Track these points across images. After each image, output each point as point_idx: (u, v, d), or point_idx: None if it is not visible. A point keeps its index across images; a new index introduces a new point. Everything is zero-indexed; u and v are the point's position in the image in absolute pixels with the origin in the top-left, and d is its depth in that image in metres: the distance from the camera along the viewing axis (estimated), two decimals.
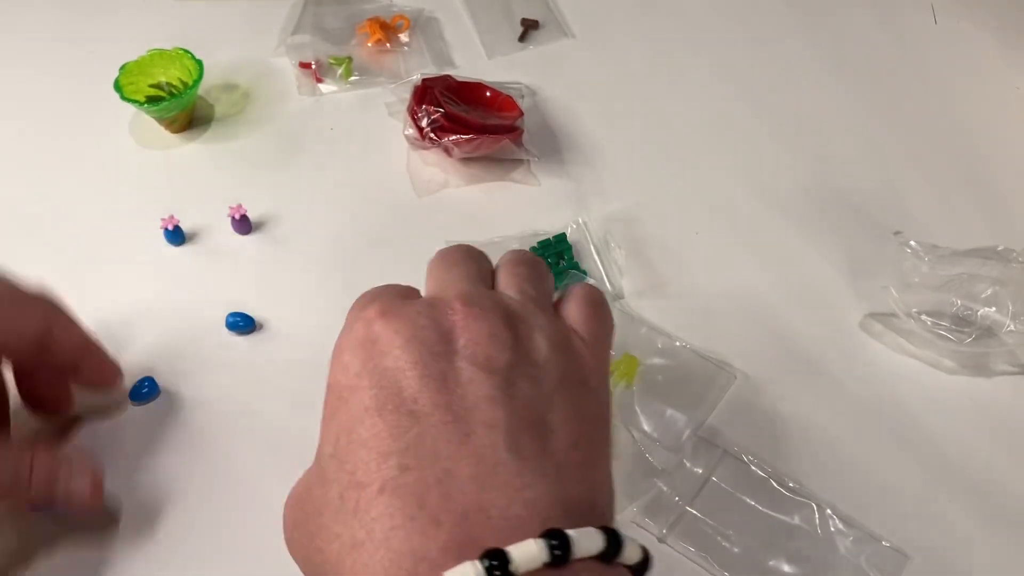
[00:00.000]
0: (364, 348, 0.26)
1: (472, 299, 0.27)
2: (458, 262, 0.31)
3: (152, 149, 0.54)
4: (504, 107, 0.55)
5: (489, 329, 0.26)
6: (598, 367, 0.29)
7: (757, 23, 0.66)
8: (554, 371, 0.27)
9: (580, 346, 0.29)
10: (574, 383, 0.27)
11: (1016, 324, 0.44)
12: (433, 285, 0.30)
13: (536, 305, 0.29)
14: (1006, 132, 0.59)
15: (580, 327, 0.30)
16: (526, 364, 0.26)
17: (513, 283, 0.30)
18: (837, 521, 0.39)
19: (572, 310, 0.30)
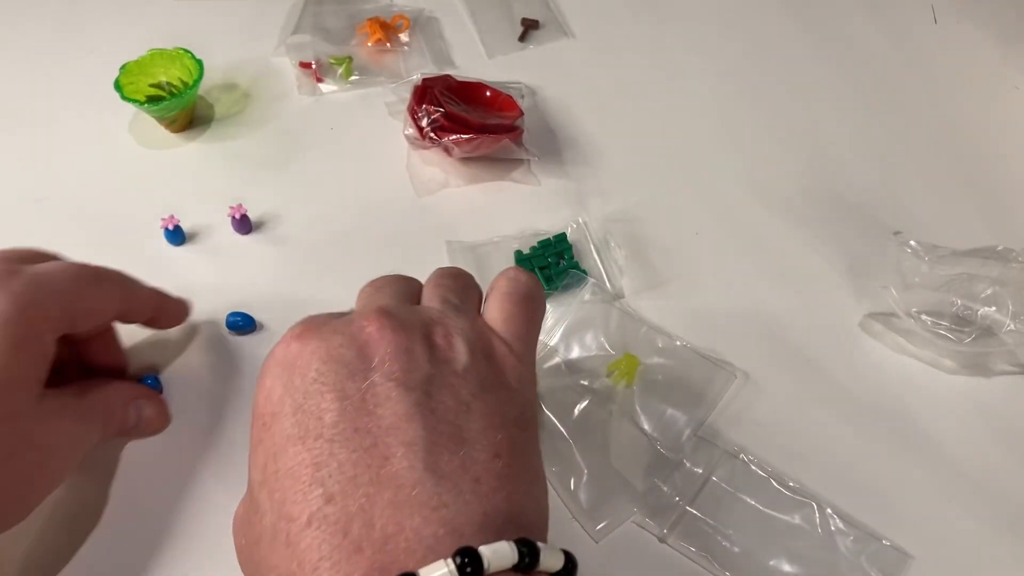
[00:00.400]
0: (284, 371, 0.26)
1: (389, 312, 0.28)
2: (385, 284, 0.32)
3: (152, 149, 0.54)
4: (504, 107, 0.55)
5: (405, 342, 0.27)
6: (520, 366, 0.30)
7: (757, 23, 0.66)
8: (474, 378, 0.27)
9: (501, 348, 0.29)
10: (495, 387, 0.28)
11: (1016, 324, 0.44)
12: (358, 306, 0.31)
13: (457, 311, 0.30)
14: (1006, 131, 0.59)
15: (502, 327, 0.30)
16: (445, 374, 0.27)
17: (436, 294, 0.31)
18: (837, 520, 0.39)
19: (493, 310, 0.31)
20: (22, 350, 0.29)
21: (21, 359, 0.29)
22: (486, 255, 0.49)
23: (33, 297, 0.30)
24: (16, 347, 0.29)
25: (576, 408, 0.42)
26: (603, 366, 0.44)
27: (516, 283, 0.32)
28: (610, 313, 0.46)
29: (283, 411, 0.26)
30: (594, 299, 0.47)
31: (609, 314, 0.46)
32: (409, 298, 0.31)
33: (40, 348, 0.31)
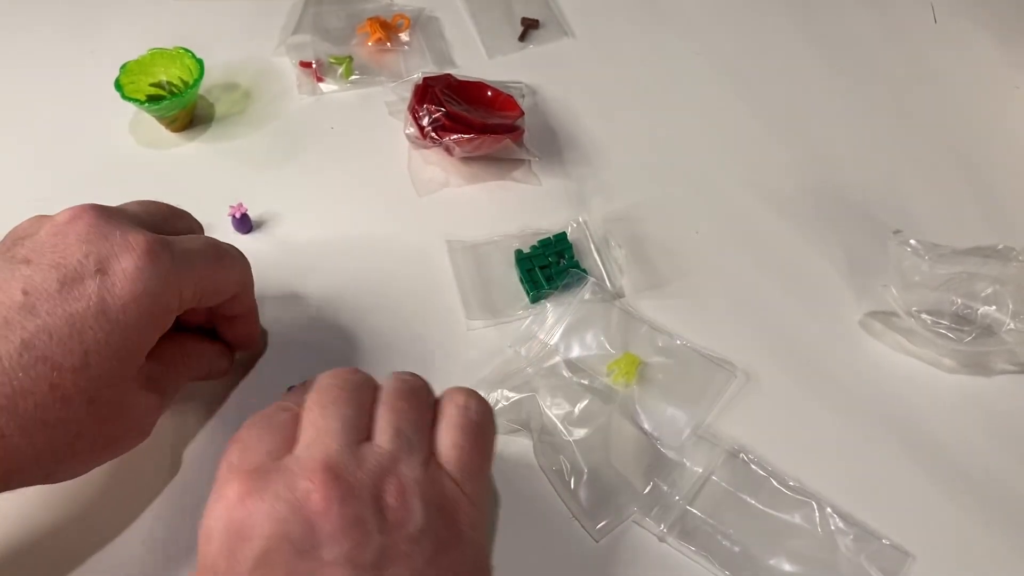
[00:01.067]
0: (228, 540, 0.25)
1: (336, 468, 0.26)
2: (336, 400, 0.30)
3: (153, 148, 0.54)
4: (505, 106, 0.55)
5: (353, 512, 0.26)
6: (473, 511, 0.29)
7: (757, 22, 0.66)
8: (429, 542, 0.27)
9: (454, 493, 0.29)
10: (448, 546, 0.27)
11: (1016, 323, 0.44)
12: (306, 435, 0.29)
13: (411, 453, 0.29)
14: (1006, 131, 0.59)
15: (455, 465, 0.29)
16: (399, 541, 0.26)
17: (390, 424, 0.29)
18: (837, 519, 0.39)
19: (445, 443, 0.30)
20: (147, 327, 0.29)
21: (143, 335, 0.29)
22: (487, 254, 0.49)
23: (177, 277, 0.30)
24: (144, 323, 0.29)
25: (576, 407, 0.42)
26: (603, 365, 0.44)
27: (467, 412, 0.31)
28: (610, 312, 0.46)
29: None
30: (594, 298, 0.47)
31: (609, 313, 0.46)
32: (358, 429, 0.29)
33: (162, 326, 0.30)
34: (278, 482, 0.26)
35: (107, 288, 0.28)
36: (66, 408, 0.27)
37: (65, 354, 0.26)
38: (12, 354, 0.26)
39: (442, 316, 0.46)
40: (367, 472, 0.27)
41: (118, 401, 0.29)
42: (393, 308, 0.47)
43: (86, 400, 0.27)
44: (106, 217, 0.30)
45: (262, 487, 0.26)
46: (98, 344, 0.27)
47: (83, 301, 0.27)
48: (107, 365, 0.28)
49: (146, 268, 0.28)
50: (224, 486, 0.27)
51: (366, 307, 0.47)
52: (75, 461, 0.29)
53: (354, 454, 0.28)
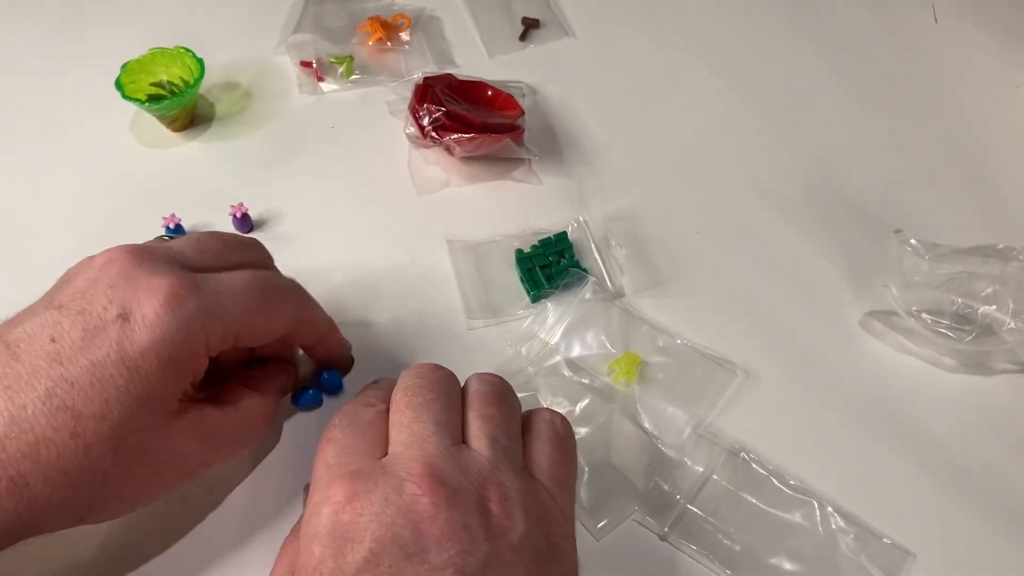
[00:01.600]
0: (334, 543, 0.26)
1: (441, 473, 0.27)
2: (429, 403, 0.30)
3: (153, 148, 0.54)
4: (505, 106, 0.55)
5: (461, 519, 0.26)
6: (567, 523, 0.30)
7: (758, 22, 0.66)
8: (529, 552, 0.27)
9: (550, 504, 0.29)
10: (548, 557, 0.28)
11: (1016, 322, 0.44)
12: (402, 437, 0.29)
13: (509, 461, 0.29)
14: (1006, 130, 0.59)
15: (547, 475, 0.30)
16: (502, 550, 0.26)
17: (484, 431, 0.30)
18: (838, 518, 0.39)
19: (539, 455, 0.31)
20: (171, 373, 0.28)
21: (168, 381, 0.28)
22: (487, 254, 0.49)
23: (203, 321, 0.29)
24: (166, 369, 0.28)
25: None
26: (604, 364, 0.44)
27: (554, 426, 0.32)
28: (611, 312, 0.46)
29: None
30: (595, 298, 0.47)
31: (610, 313, 0.46)
32: (455, 428, 0.30)
33: (190, 371, 0.29)
34: (385, 485, 0.26)
35: (127, 335, 0.27)
36: (88, 456, 0.26)
37: (86, 403, 0.26)
38: (36, 402, 0.26)
39: (442, 316, 0.46)
40: (470, 478, 0.27)
41: (148, 447, 0.28)
42: (393, 308, 0.47)
43: (110, 448, 0.27)
44: (139, 260, 0.29)
45: (369, 489, 0.26)
46: (119, 392, 0.27)
47: (104, 349, 0.27)
48: (130, 413, 0.27)
49: (165, 314, 0.28)
50: (329, 488, 0.27)
51: (366, 307, 0.47)
52: (107, 507, 0.29)
53: (455, 458, 0.28)
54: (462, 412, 0.31)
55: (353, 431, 0.30)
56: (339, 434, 0.30)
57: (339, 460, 0.29)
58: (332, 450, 0.29)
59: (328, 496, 0.27)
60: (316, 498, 0.27)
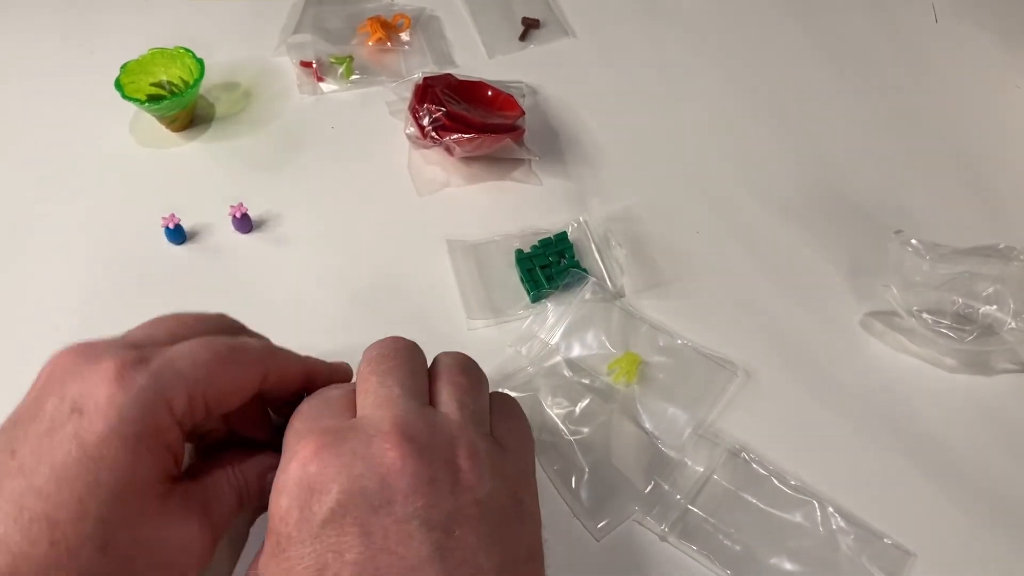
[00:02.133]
0: (301, 494, 0.26)
1: (409, 430, 0.27)
2: (392, 369, 0.30)
3: (153, 148, 0.54)
4: (505, 106, 0.55)
5: (428, 472, 0.26)
6: (532, 487, 0.30)
7: (758, 22, 0.66)
8: (496, 509, 0.27)
9: (515, 469, 0.30)
10: (514, 518, 0.28)
11: (1017, 322, 0.44)
12: (368, 401, 0.29)
13: (476, 424, 0.29)
14: (1007, 130, 0.59)
15: (512, 443, 0.30)
16: (467, 504, 0.27)
17: (453, 395, 0.30)
18: (839, 519, 0.39)
19: (501, 425, 0.31)
20: (142, 453, 0.26)
21: (141, 463, 0.26)
22: (487, 254, 0.49)
23: (159, 391, 0.27)
24: (135, 450, 0.26)
25: (577, 407, 0.42)
26: (604, 365, 0.44)
27: (512, 401, 0.34)
28: (611, 312, 0.46)
29: (300, 537, 0.25)
30: (595, 298, 0.47)
31: (610, 313, 0.46)
32: (419, 388, 0.30)
33: (164, 447, 0.27)
34: (353, 439, 0.27)
35: (84, 427, 0.26)
36: (74, 561, 0.25)
37: (58, 508, 0.25)
38: (7, 520, 0.24)
39: (443, 316, 0.46)
40: (439, 435, 0.28)
41: (140, 538, 0.26)
42: (393, 308, 0.46)
43: (96, 548, 0.25)
44: (82, 354, 0.28)
45: (337, 443, 0.27)
46: (90, 488, 0.25)
47: (63, 447, 0.25)
48: (108, 507, 0.25)
49: (116, 394, 0.26)
50: (296, 444, 0.27)
51: (366, 307, 0.47)
52: None
53: (424, 417, 0.28)
54: (430, 382, 0.31)
55: (320, 403, 0.30)
56: (306, 407, 0.30)
57: (306, 425, 0.29)
58: (299, 419, 0.29)
59: (296, 451, 0.27)
60: (285, 456, 0.27)
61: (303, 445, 0.27)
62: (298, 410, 0.30)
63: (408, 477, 0.26)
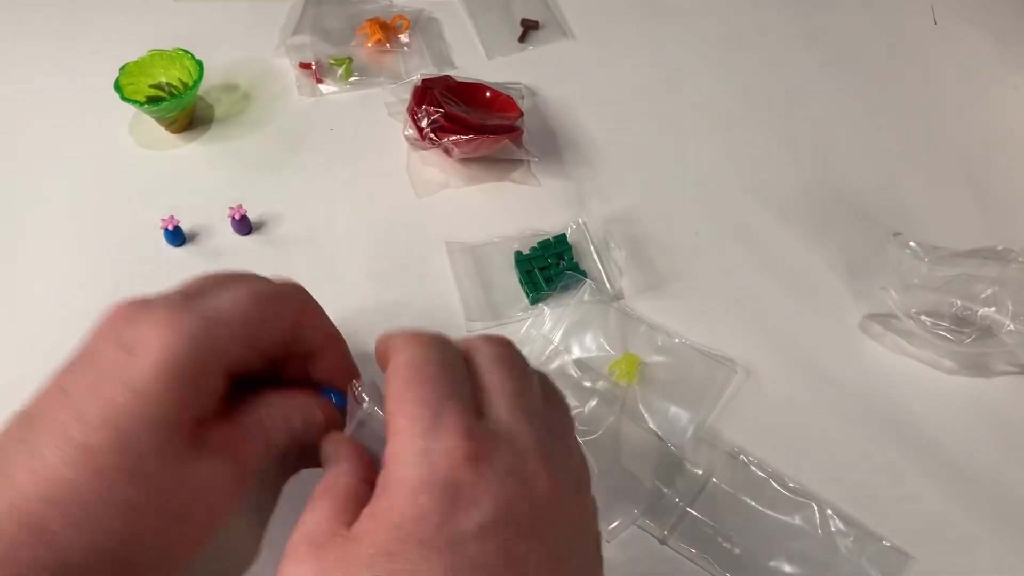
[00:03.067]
0: (447, 497, 0.24)
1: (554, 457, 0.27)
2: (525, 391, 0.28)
3: (152, 149, 0.54)
4: (504, 107, 0.55)
5: (578, 509, 0.27)
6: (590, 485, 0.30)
7: (757, 24, 0.66)
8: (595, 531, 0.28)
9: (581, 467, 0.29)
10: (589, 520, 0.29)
11: (1016, 324, 0.44)
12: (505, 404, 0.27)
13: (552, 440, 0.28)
14: (1005, 132, 0.59)
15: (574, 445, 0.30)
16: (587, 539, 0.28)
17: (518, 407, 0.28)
18: (838, 521, 0.39)
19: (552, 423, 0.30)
20: (187, 392, 0.27)
21: (184, 401, 0.27)
22: (486, 256, 0.49)
23: (207, 331, 0.28)
24: (180, 389, 0.27)
25: (586, 407, 0.42)
26: (604, 366, 0.44)
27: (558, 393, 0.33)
28: (608, 313, 0.46)
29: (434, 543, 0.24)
30: (593, 300, 0.47)
31: (607, 314, 0.46)
32: (472, 398, 0.28)
33: (209, 389, 0.28)
34: (506, 453, 0.26)
35: (134, 364, 0.27)
36: (104, 485, 0.26)
37: (96, 435, 0.26)
38: (49, 445, 0.26)
39: (441, 318, 0.46)
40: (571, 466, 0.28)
41: (171, 475, 0.27)
42: (393, 310, 0.46)
43: (127, 477, 0.26)
44: (138, 304, 0.29)
45: (490, 454, 0.25)
46: (131, 419, 0.26)
47: (112, 383, 0.27)
48: (145, 438, 0.26)
49: (167, 336, 0.27)
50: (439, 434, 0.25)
51: (365, 308, 0.47)
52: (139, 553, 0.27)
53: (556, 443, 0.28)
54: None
55: (446, 373, 0.27)
56: (434, 371, 0.27)
57: (441, 405, 0.26)
58: (430, 388, 0.27)
59: (444, 446, 0.25)
60: (419, 441, 0.25)
61: (451, 441, 0.25)
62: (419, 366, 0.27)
63: (559, 508, 0.26)
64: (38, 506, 0.25)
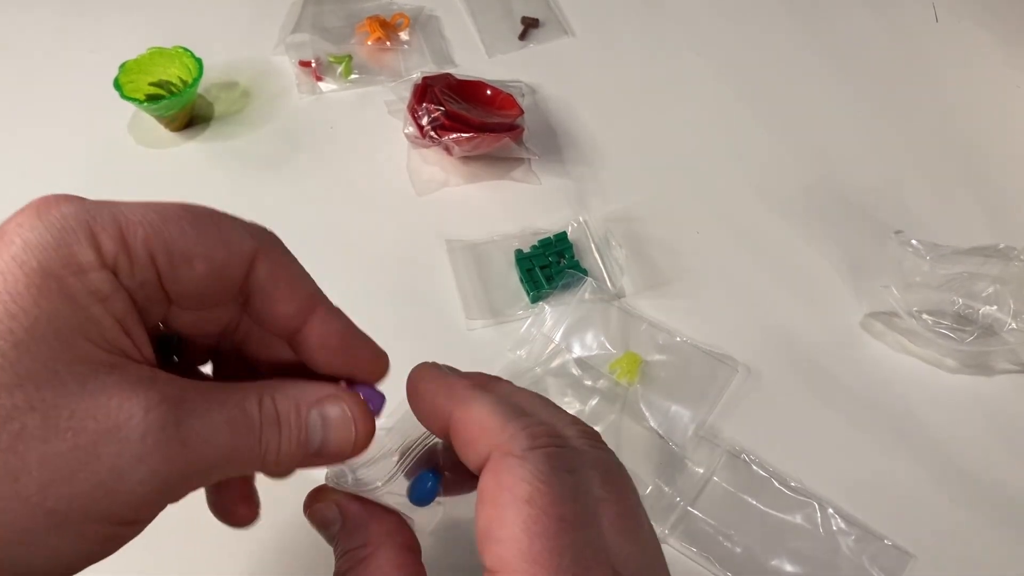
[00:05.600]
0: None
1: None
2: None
3: (152, 147, 0.54)
4: (504, 105, 0.55)
5: None
6: None
7: (758, 22, 0.66)
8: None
9: None
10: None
11: (1017, 322, 0.44)
12: (635, 555, 0.22)
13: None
14: (1007, 130, 0.59)
15: None
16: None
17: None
18: (839, 520, 0.39)
19: None
20: (50, 292, 0.19)
21: (50, 305, 0.19)
22: (486, 254, 0.49)
23: (84, 217, 0.21)
24: (40, 287, 0.19)
25: (587, 406, 0.42)
26: (605, 365, 0.44)
27: None
28: (609, 312, 0.46)
29: None
30: (593, 298, 0.46)
31: (608, 313, 0.46)
32: (605, 545, 0.22)
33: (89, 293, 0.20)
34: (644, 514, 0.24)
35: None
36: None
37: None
38: None
39: (441, 316, 0.46)
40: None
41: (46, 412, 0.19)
42: (393, 308, 0.46)
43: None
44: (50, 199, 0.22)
45: (638, 512, 0.23)
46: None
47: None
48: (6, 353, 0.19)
49: (27, 221, 0.21)
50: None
51: (365, 307, 0.46)
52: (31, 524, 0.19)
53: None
54: None
55: (586, 513, 0.21)
56: (571, 514, 0.20)
57: (587, 572, 0.20)
58: (569, 543, 0.20)
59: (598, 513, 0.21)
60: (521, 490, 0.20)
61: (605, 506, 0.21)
62: (538, 499, 0.20)
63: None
64: None
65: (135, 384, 0.20)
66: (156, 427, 0.20)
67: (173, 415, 0.20)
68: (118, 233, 0.21)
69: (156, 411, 0.20)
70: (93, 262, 0.20)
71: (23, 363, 0.19)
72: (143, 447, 0.19)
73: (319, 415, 0.23)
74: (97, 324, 0.20)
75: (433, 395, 0.24)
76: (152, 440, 0.20)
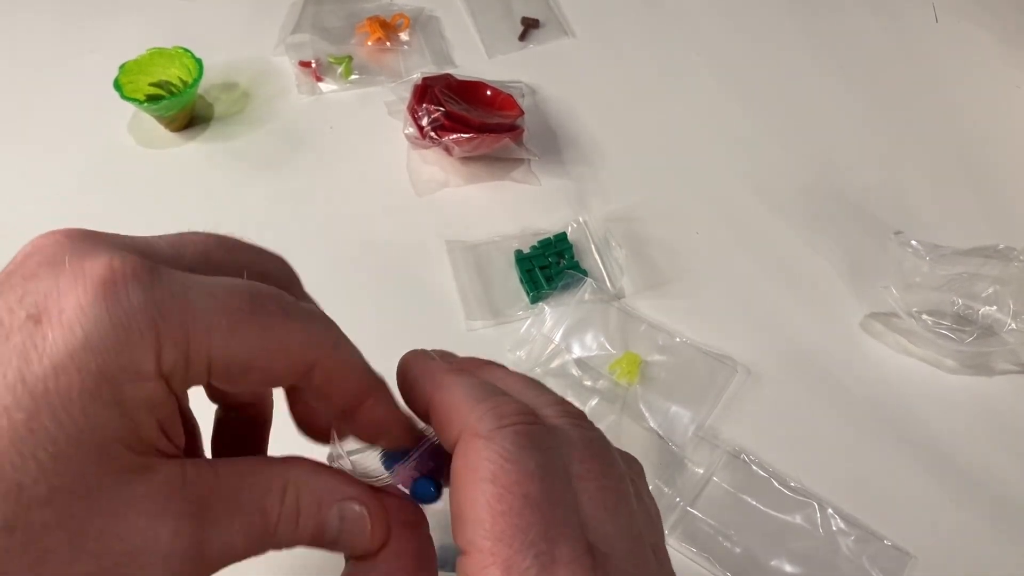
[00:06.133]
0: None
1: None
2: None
3: (152, 148, 0.54)
4: (504, 106, 0.55)
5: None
6: None
7: (758, 22, 0.66)
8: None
9: None
10: None
11: (1017, 323, 0.44)
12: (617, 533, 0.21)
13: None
14: (1007, 130, 0.59)
15: None
16: None
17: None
18: (839, 520, 0.39)
19: None
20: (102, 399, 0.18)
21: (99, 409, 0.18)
22: (486, 255, 0.49)
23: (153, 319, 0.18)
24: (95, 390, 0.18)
25: (587, 407, 0.42)
26: (604, 365, 0.44)
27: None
28: (609, 312, 0.46)
29: None
30: (593, 299, 0.46)
31: (608, 313, 0.46)
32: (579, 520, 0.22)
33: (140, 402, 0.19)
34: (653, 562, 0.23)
35: (35, 344, 0.17)
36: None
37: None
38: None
39: (441, 317, 0.46)
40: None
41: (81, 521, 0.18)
42: (392, 308, 0.46)
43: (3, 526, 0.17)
44: (75, 242, 0.20)
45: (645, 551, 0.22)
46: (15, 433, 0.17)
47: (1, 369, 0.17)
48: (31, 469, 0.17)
49: (91, 308, 0.18)
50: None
51: (365, 307, 0.46)
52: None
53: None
54: None
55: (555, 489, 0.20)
56: (539, 491, 0.20)
57: (553, 545, 0.19)
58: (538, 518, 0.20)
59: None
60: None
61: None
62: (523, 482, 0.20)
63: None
64: None
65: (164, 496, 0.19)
66: (179, 552, 0.19)
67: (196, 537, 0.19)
68: (183, 339, 0.19)
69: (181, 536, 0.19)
70: (152, 372, 0.19)
71: (59, 476, 0.17)
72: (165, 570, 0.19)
73: (339, 511, 0.22)
74: (139, 429, 0.19)
75: (415, 381, 0.24)
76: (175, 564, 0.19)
